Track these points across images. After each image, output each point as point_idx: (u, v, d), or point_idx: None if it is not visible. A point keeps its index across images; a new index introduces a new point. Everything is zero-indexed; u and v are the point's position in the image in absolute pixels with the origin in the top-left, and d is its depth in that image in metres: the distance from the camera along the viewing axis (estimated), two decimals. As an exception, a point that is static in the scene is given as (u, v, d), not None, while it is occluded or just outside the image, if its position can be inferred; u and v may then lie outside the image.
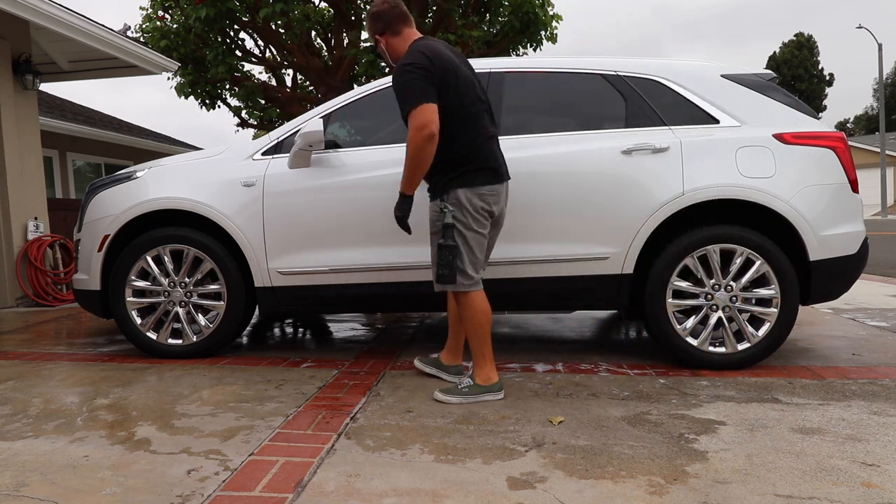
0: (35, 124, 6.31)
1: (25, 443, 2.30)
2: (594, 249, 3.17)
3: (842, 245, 3.12)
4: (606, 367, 3.25)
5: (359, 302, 3.44)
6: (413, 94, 2.56)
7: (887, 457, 2.06)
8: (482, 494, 1.84)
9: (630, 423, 2.41)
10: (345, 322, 4.77)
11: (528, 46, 12.53)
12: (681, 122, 3.22)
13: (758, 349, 3.11)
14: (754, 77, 3.32)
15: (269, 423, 2.46)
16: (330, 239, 3.33)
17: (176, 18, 12.17)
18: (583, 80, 3.37)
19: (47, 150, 10.32)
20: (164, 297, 3.49)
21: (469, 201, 2.67)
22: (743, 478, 1.92)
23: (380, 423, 2.45)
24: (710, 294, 3.12)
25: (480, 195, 2.69)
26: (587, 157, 3.19)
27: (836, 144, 3.15)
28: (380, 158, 3.33)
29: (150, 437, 2.34)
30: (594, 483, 1.90)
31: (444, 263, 2.62)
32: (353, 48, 11.27)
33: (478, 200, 2.69)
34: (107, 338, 4.27)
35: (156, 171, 3.55)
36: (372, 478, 1.96)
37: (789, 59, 47.05)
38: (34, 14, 5.46)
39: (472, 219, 2.68)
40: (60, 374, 3.27)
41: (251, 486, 1.90)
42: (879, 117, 28.11)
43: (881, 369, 3.12)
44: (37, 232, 6.16)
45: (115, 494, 1.87)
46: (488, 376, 2.75)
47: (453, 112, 2.65)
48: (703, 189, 3.08)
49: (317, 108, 3.54)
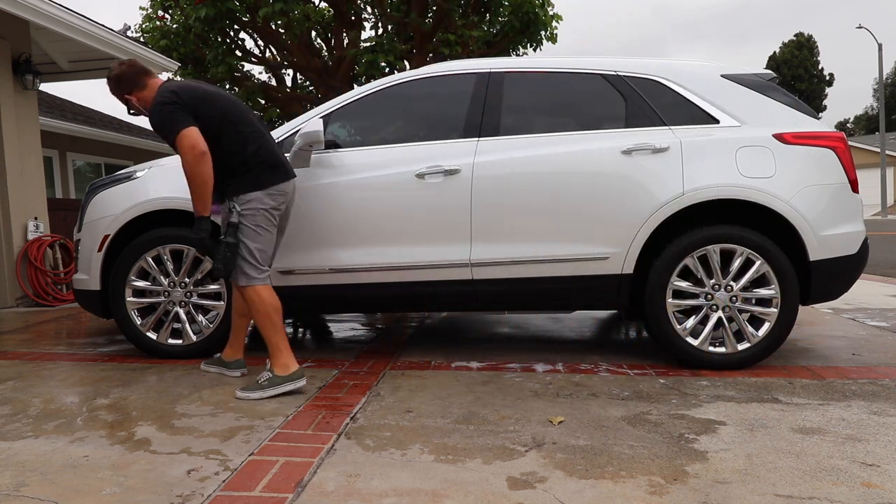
0: (35, 124, 6.31)
1: (25, 443, 2.30)
2: (594, 249, 3.17)
3: (842, 245, 3.12)
4: (606, 367, 3.25)
5: (359, 302, 3.44)
6: (172, 124, 2.76)
7: (887, 457, 2.06)
8: (482, 494, 1.84)
9: (630, 423, 2.41)
10: (345, 322, 4.77)
11: (528, 46, 12.54)
12: (681, 122, 3.22)
13: (758, 349, 3.11)
14: (754, 77, 3.32)
15: (269, 423, 2.46)
16: (330, 239, 3.33)
17: (176, 18, 12.18)
18: (583, 80, 3.37)
19: (47, 150, 10.32)
20: (164, 297, 3.49)
21: (259, 201, 2.88)
22: (743, 478, 1.92)
23: (380, 423, 2.45)
24: (710, 294, 3.12)
25: (270, 194, 2.90)
26: (587, 157, 3.19)
27: (836, 144, 3.15)
28: (380, 158, 3.33)
29: (150, 437, 2.34)
30: (594, 483, 1.90)
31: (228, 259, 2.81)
32: (353, 48, 11.27)
33: (268, 199, 2.90)
34: (107, 338, 4.27)
35: (156, 171, 3.54)
36: (372, 478, 1.96)
37: (789, 59, 47.05)
38: (34, 14, 5.46)
39: (262, 217, 2.88)
40: (60, 374, 3.27)
41: (251, 486, 1.90)
42: (879, 117, 28.11)
43: (881, 369, 3.12)
44: (37, 232, 6.16)
45: (115, 494, 1.87)
46: (286, 365, 2.84)
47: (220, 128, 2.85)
48: (703, 189, 3.08)
49: (317, 108, 3.54)
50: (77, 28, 5.97)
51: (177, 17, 12.16)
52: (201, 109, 2.83)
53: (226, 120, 2.87)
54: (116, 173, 3.74)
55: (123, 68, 2.97)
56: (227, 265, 2.81)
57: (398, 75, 3.54)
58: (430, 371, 3.21)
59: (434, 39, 11.44)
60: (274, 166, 2.94)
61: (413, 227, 3.27)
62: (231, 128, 2.88)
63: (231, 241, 2.81)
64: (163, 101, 2.80)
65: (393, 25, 12.05)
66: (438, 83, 3.49)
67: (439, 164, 3.26)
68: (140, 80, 2.95)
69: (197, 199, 2.81)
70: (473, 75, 3.45)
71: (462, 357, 3.50)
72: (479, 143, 3.29)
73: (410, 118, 3.54)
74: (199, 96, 2.85)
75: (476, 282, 3.27)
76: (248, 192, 2.87)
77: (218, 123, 2.85)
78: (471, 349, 3.70)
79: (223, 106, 2.90)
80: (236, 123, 2.90)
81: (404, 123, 3.54)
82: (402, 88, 3.50)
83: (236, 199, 2.87)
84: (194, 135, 2.75)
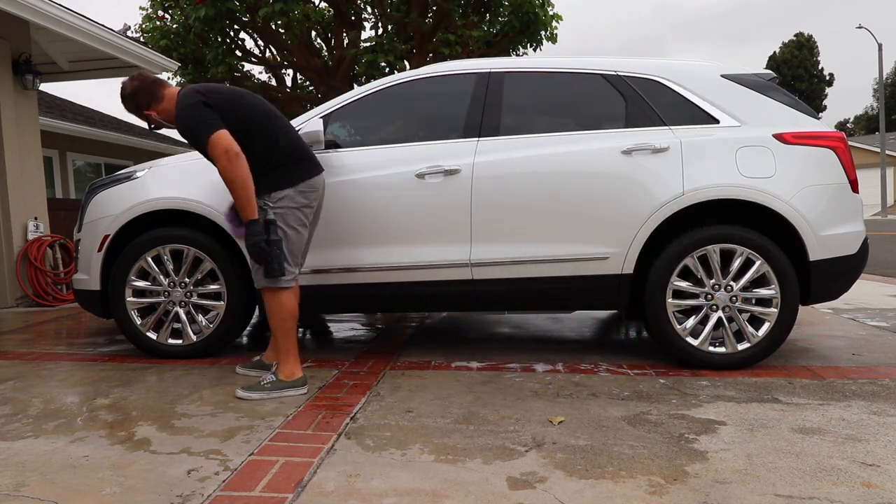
0: (35, 124, 6.31)
1: (25, 443, 2.30)
2: (594, 249, 3.17)
3: (842, 245, 3.12)
4: (606, 367, 3.25)
5: (359, 302, 3.44)
6: (202, 129, 2.68)
7: (887, 457, 2.06)
8: (482, 494, 1.84)
9: (630, 423, 2.41)
10: (345, 322, 4.77)
11: (528, 46, 12.54)
12: (681, 122, 3.22)
13: (758, 349, 3.11)
14: (754, 77, 3.32)
15: (269, 423, 2.46)
16: (330, 239, 3.33)
17: (176, 18, 12.18)
18: (583, 80, 3.37)
19: (47, 150, 10.32)
20: (164, 297, 3.49)
21: (291, 199, 2.84)
22: (743, 478, 1.92)
23: (380, 423, 2.45)
24: (710, 294, 3.12)
25: (301, 192, 2.86)
26: (587, 157, 3.19)
27: (836, 144, 3.15)
28: (380, 158, 3.33)
29: (150, 437, 2.34)
30: (594, 483, 1.90)
31: (279, 257, 2.75)
32: (353, 48, 11.27)
33: (300, 197, 2.86)
34: (107, 338, 4.27)
35: (156, 171, 3.54)
36: (372, 478, 1.96)
37: (789, 59, 47.05)
38: (34, 14, 5.46)
39: (293, 216, 2.84)
40: (60, 374, 3.27)
41: (251, 486, 1.90)
42: (879, 117, 28.11)
43: (881, 369, 3.12)
44: (37, 232, 6.16)
45: (115, 494, 1.87)
46: (292, 372, 2.85)
47: (250, 126, 2.79)
48: (703, 189, 3.08)
49: (317, 108, 3.54)
50: (77, 28, 5.97)
51: (177, 17, 12.16)
52: (228, 109, 2.75)
53: (255, 119, 2.80)
54: (116, 173, 3.74)
55: (136, 83, 2.87)
56: (282, 264, 2.74)
57: (398, 75, 3.54)
58: (430, 371, 3.21)
59: (434, 39, 11.44)
60: (302, 161, 2.88)
61: (413, 227, 3.27)
62: (259, 127, 2.81)
63: (276, 239, 2.74)
64: (189, 102, 2.71)
65: (393, 25, 12.06)
66: (438, 83, 3.49)
67: (439, 164, 3.26)
68: (157, 91, 2.87)
69: (242, 203, 2.69)
70: (473, 75, 3.45)
71: (462, 357, 3.50)
72: (479, 143, 3.29)
73: (410, 118, 3.54)
74: (224, 96, 2.78)
75: (476, 282, 3.27)
76: (281, 189, 2.81)
77: (247, 123, 2.78)
78: (471, 349, 3.70)
79: (250, 106, 2.83)
80: (264, 122, 2.82)
81: (404, 123, 3.55)
82: (402, 88, 3.50)
83: (268, 196, 2.81)
84: (226, 137, 2.66)
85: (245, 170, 2.67)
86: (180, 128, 2.75)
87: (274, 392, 2.79)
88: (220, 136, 2.65)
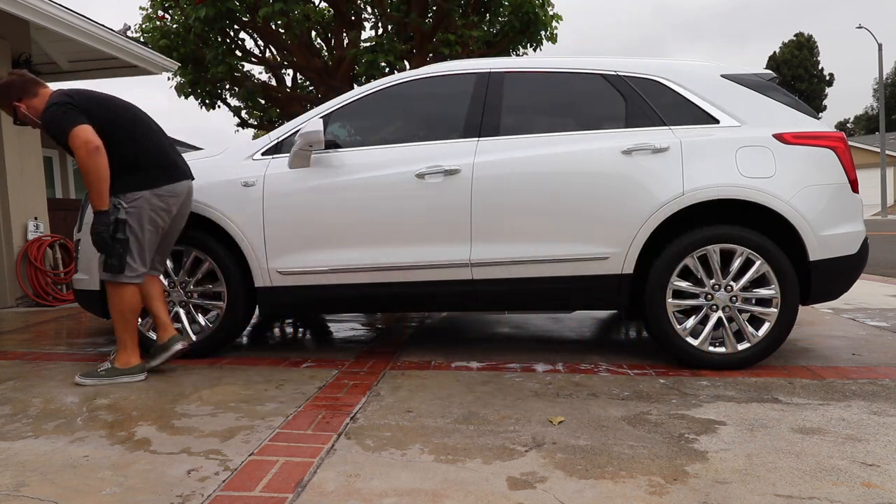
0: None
1: (25, 443, 2.30)
2: (594, 249, 3.17)
3: (842, 245, 3.12)
4: (606, 367, 3.25)
5: (359, 302, 3.44)
6: (65, 122, 2.86)
7: (887, 457, 2.06)
8: (482, 494, 1.84)
9: (630, 423, 2.41)
10: (345, 322, 4.77)
11: (528, 46, 12.52)
12: (681, 122, 3.22)
13: (758, 349, 3.11)
14: (754, 77, 3.32)
15: (269, 423, 2.46)
16: (330, 239, 3.33)
17: (176, 18, 12.17)
18: (583, 80, 3.37)
19: (47, 150, 10.31)
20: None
21: (146, 200, 3.01)
22: (743, 478, 1.92)
23: (380, 423, 2.45)
24: (710, 294, 3.12)
25: (158, 195, 3.03)
26: (587, 157, 3.19)
27: (836, 144, 3.15)
28: (380, 158, 3.33)
29: (150, 437, 2.34)
30: (594, 483, 1.90)
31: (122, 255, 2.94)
32: (353, 48, 11.27)
33: (157, 200, 3.03)
34: (107, 338, 4.27)
35: (156, 171, 3.54)
36: (372, 478, 1.96)
37: (789, 59, 47.05)
38: (34, 14, 5.45)
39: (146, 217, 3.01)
40: (60, 374, 3.27)
41: (251, 486, 1.90)
42: (879, 117, 28.12)
43: (881, 369, 3.12)
44: (37, 232, 6.16)
45: (115, 494, 1.87)
46: (128, 360, 3.07)
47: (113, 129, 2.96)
48: (703, 189, 3.08)
49: (317, 108, 3.54)
50: (77, 28, 5.97)
51: (177, 17, 12.14)
52: (94, 111, 2.94)
53: (119, 122, 2.99)
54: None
55: (14, 77, 3.04)
56: (121, 261, 2.94)
57: (398, 75, 3.54)
58: (430, 371, 3.21)
59: (434, 39, 11.43)
60: (165, 167, 3.06)
61: (413, 227, 3.27)
62: (123, 129, 2.99)
63: (123, 238, 2.94)
64: (56, 101, 2.89)
65: (393, 25, 12.05)
66: (438, 83, 3.49)
67: (439, 164, 3.26)
68: (32, 88, 3.01)
69: (94, 193, 2.88)
70: (473, 75, 3.45)
71: (462, 357, 3.50)
72: (479, 143, 3.29)
73: (410, 118, 3.54)
74: (91, 98, 2.97)
75: (476, 282, 3.27)
76: (136, 190, 2.98)
77: (111, 125, 2.95)
78: (471, 349, 3.70)
79: (116, 108, 3.03)
80: (129, 125, 3.01)
81: (404, 123, 3.55)
82: (402, 88, 3.50)
83: (122, 196, 2.99)
84: (87, 131, 2.84)
85: (101, 163, 2.85)
86: (45, 122, 2.92)
87: (107, 379, 3.01)
88: (81, 129, 2.84)
